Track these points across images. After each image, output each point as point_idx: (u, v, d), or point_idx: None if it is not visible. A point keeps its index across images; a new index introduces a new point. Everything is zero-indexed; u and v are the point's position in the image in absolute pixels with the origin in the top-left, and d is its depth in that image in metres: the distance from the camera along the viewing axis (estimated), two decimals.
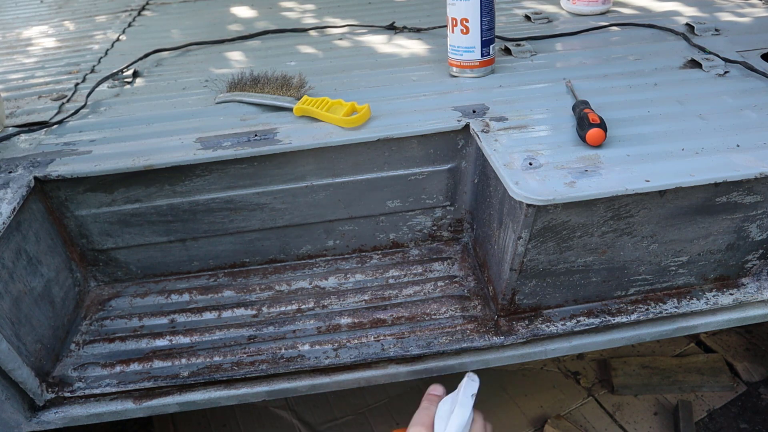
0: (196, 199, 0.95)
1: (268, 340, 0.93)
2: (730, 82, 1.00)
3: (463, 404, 0.72)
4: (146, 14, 1.59)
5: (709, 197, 0.81)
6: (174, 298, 1.01)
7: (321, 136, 0.92)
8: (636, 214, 0.81)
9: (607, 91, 0.99)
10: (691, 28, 1.20)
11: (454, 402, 0.72)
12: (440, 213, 1.04)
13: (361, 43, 1.27)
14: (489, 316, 0.94)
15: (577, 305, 0.93)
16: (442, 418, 0.72)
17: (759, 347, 1.58)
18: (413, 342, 0.91)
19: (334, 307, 0.98)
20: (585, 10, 1.33)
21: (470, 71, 1.05)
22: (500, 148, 0.85)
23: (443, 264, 1.04)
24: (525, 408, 1.45)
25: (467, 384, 0.73)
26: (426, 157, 0.96)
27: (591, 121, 0.84)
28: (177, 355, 0.92)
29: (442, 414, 0.72)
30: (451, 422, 0.70)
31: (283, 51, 1.26)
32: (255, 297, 1.01)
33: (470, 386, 0.73)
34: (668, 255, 0.88)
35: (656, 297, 0.94)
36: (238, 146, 0.91)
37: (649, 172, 0.78)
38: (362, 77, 1.09)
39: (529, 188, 0.76)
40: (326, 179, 0.96)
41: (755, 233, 0.87)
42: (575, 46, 1.18)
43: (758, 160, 0.79)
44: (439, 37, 1.23)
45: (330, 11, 1.48)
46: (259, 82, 1.04)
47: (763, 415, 1.44)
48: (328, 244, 1.04)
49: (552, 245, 0.83)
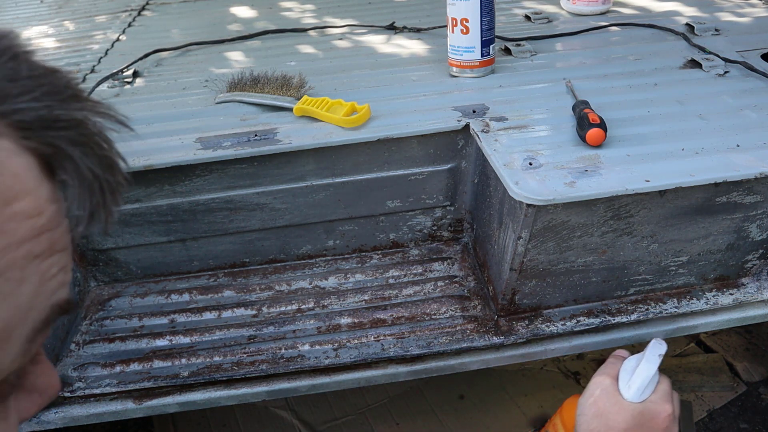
0: (196, 199, 0.95)
1: (268, 340, 0.93)
2: (730, 82, 1.00)
3: (649, 360, 0.73)
4: (146, 14, 1.58)
5: (709, 197, 0.81)
6: (174, 298, 1.01)
7: (321, 136, 0.92)
8: (636, 214, 0.81)
9: (607, 91, 0.99)
10: (691, 28, 1.20)
11: (639, 360, 0.74)
12: (440, 213, 1.04)
13: (361, 43, 1.26)
14: (489, 316, 0.94)
15: (577, 305, 0.93)
16: (627, 371, 0.73)
17: (759, 347, 1.58)
18: (413, 342, 0.91)
19: (334, 307, 0.98)
20: (585, 10, 1.33)
21: (470, 71, 1.05)
22: (500, 148, 0.85)
23: (443, 264, 1.04)
24: (525, 408, 1.45)
25: (654, 345, 0.75)
26: (426, 157, 0.96)
27: (591, 121, 0.84)
28: (177, 355, 0.92)
29: (627, 367, 0.74)
30: (636, 374, 0.72)
31: (283, 51, 1.25)
32: (255, 297, 1.01)
33: (657, 347, 0.75)
34: (668, 255, 0.88)
35: (656, 297, 0.94)
36: (238, 146, 0.91)
37: (649, 172, 0.78)
38: (362, 77, 1.09)
39: (529, 188, 0.76)
40: (326, 179, 0.96)
41: (755, 233, 0.87)
42: (575, 46, 1.18)
43: (758, 160, 0.79)
44: (439, 37, 1.23)
45: (330, 11, 1.48)
46: (259, 82, 1.04)
47: (763, 415, 1.44)
48: (328, 244, 1.04)
49: (552, 245, 0.83)
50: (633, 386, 0.72)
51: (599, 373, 0.76)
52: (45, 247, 0.29)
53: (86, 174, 0.30)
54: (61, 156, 0.29)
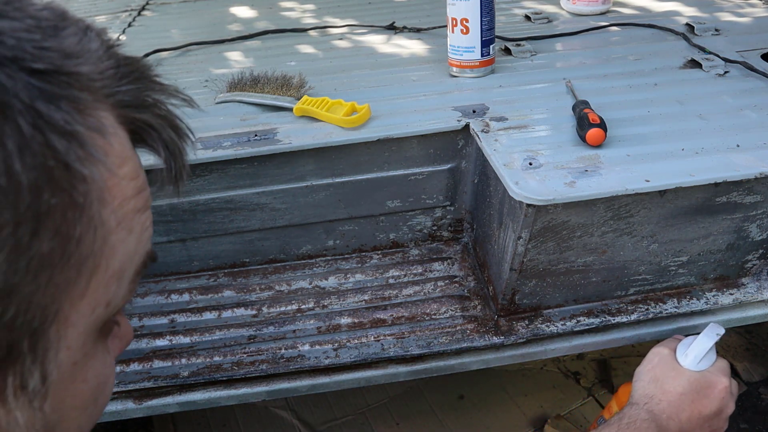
0: (196, 199, 0.95)
1: (268, 340, 0.93)
2: (730, 82, 1.00)
3: (707, 334, 0.78)
4: (146, 14, 1.58)
5: (709, 197, 0.81)
6: (174, 298, 1.01)
7: (321, 136, 0.92)
8: (636, 214, 0.81)
9: (607, 91, 0.99)
10: (691, 28, 1.20)
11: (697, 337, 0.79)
12: (440, 213, 1.04)
13: (361, 43, 1.26)
14: (489, 316, 0.94)
15: (577, 305, 0.93)
16: (685, 344, 0.78)
17: (759, 347, 1.58)
18: (413, 342, 0.91)
19: (334, 307, 0.98)
20: (585, 10, 1.33)
21: (470, 71, 1.05)
22: (500, 148, 0.85)
23: (443, 264, 1.03)
24: (525, 408, 1.45)
25: (712, 326, 0.79)
26: (426, 157, 0.96)
27: (591, 121, 0.84)
28: (177, 355, 0.92)
29: (685, 342, 0.79)
30: (694, 345, 0.77)
31: (283, 51, 1.25)
32: (255, 297, 1.01)
33: (715, 328, 0.79)
34: (668, 255, 0.88)
35: (656, 297, 0.94)
36: (238, 146, 0.91)
37: (649, 172, 0.78)
38: (362, 77, 1.09)
39: (529, 188, 0.76)
40: (326, 179, 0.96)
41: (755, 233, 0.87)
42: (575, 46, 1.18)
43: (758, 160, 0.79)
44: (439, 37, 1.23)
45: (330, 11, 1.48)
46: (259, 82, 1.04)
47: (763, 415, 1.44)
48: (328, 244, 1.04)
49: (552, 245, 0.83)
50: (690, 355, 0.76)
51: (659, 345, 0.81)
52: (142, 203, 0.35)
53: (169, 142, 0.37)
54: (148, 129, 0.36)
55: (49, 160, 0.29)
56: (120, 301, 0.35)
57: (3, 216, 0.28)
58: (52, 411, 0.34)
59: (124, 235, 0.34)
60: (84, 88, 0.32)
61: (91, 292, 0.33)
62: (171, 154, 0.38)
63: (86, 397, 0.36)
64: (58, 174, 0.29)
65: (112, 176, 0.33)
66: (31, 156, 0.28)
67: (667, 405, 0.74)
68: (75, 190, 0.30)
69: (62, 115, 0.30)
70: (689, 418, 0.74)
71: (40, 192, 0.29)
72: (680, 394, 0.74)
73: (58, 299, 0.31)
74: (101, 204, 0.32)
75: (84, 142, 0.31)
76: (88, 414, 0.37)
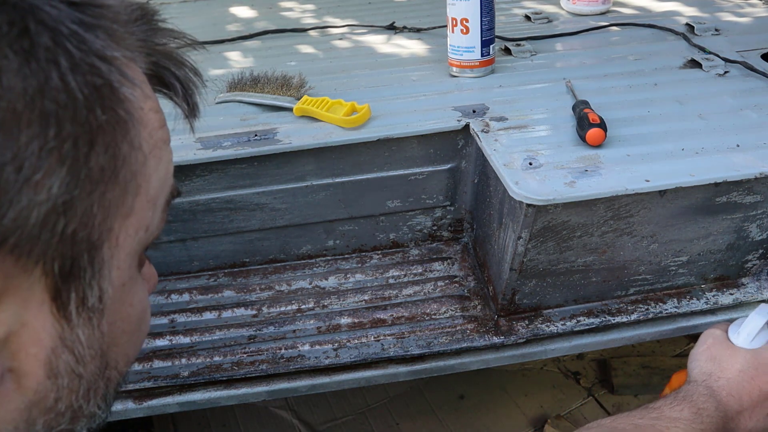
0: (196, 199, 0.95)
1: (268, 340, 0.93)
2: (730, 82, 1.00)
3: (759, 313, 0.77)
4: None
5: (709, 197, 0.81)
6: (174, 298, 1.01)
7: (321, 136, 0.92)
8: (636, 214, 0.81)
9: (607, 91, 0.99)
10: (691, 28, 1.20)
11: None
12: (440, 213, 1.04)
13: (361, 43, 1.26)
14: (489, 316, 0.94)
15: (577, 305, 0.93)
16: (737, 324, 0.78)
17: None
18: (413, 342, 0.91)
19: (334, 307, 0.98)
20: (585, 10, 1.33)
21: (470, 71, 1.05)
22: (500, 148, 0.85)
23: (443, 264, 1.04)
24: (525, 408, 1.45)
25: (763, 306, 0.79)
26: (426, 157, 0.96)
27: (591, 121, 0.84)
28: (177, 355, 0.92)
29: (737, 322, 0.78)
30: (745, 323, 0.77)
31: (283, 51, 1.25)
32: (255, 297, 1.01)
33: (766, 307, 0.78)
34: (668, 255, 0.88)
35: (656, 297, 0.94)
36: (238, 146, 0.91)
37: (649, 172, 0.78)
38: (362, 77, 1.09)
39: (529, 188, 0.76)
40: (326, 179, 0.96)
41: (755, 233, 0.87)
42: (575, 46, 1.18)
43: (758, 160, 0.79)
44: (439, 37, 1.23)
45: (330, 11, 1.48)
46: (259, 82, 1.04)
47: None
48: (328, 244, 1.04)
49: (552, 245, 0.83)
50: (743, 333, 0.76)
51: (710, 328, 0.81)
52: (166, 136, 0.38)
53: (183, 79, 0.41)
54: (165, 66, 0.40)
55: (96, 78, 0.31)
56: (155, 230, 0.37)
57: (65, 129, 0.29)
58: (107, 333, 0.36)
59: (155, 162, 0.36)
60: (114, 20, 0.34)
61: (136, 213, 0.35)
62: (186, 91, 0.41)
63: (133, 321, 0.38)
64: (106, 92, 0.31)
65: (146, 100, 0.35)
66: (81, 74, 0.30)
67: (725, 382, 0.74)
68: (121, 108, 0.32)
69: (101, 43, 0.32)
70: (750, 395, 0.73)
71: (93, 108, 0.30)
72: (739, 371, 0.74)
73: (111, 216, 0.33)
74: (141, 126, 0.34)
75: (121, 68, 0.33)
76: (134, 342, 0.39)
